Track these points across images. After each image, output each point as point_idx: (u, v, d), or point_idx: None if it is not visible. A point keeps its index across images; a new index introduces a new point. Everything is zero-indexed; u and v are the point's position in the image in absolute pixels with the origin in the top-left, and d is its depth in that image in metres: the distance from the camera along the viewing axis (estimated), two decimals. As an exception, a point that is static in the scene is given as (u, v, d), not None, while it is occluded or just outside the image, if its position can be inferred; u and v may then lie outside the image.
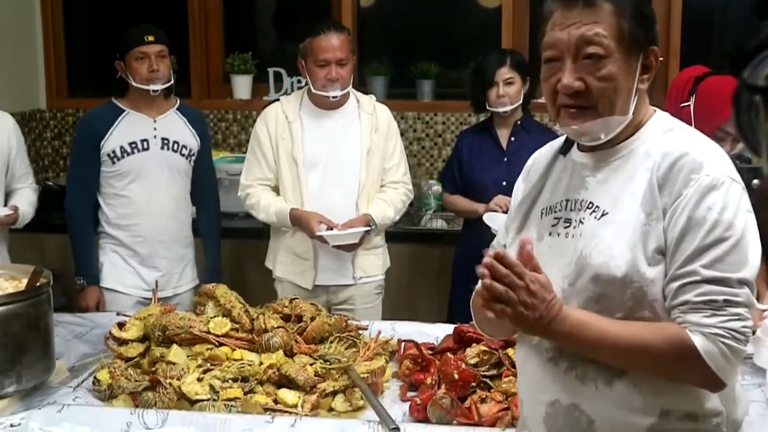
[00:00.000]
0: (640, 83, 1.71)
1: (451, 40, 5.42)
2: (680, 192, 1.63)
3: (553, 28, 1.70)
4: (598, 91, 1.67)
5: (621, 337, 1.63)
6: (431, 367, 2.65)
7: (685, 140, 1.70)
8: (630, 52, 1.68)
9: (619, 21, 1.66)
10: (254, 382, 2.54)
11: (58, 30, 5.41)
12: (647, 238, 1.64)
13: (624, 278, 1.64)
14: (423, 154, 5.13)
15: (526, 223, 1.87)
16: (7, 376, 2.51)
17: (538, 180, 1.90)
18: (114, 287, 3.67)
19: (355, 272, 3.62)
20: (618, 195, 1.70)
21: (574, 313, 1.65)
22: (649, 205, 1.65)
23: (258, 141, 3.61)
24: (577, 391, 1.73)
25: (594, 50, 1.66)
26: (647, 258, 1.63)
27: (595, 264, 1.67)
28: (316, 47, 3.45)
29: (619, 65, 1.67)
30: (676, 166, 1.65)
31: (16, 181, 3.67)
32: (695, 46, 4.94)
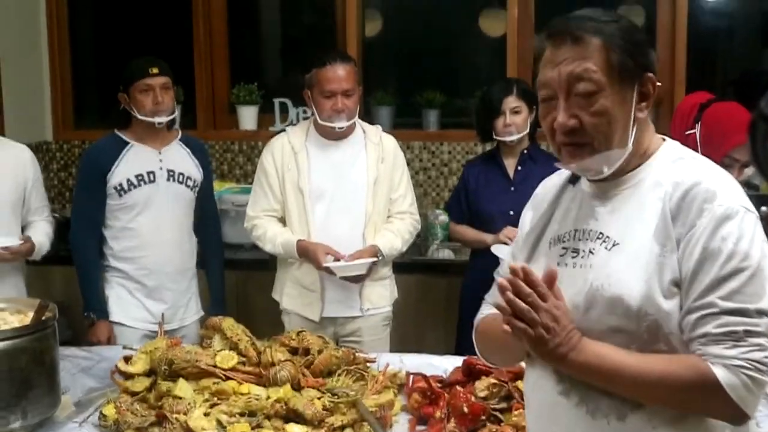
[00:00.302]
0: (639, 112, 1.70)
1: (456, 69, 5.44)
2: (694, 222, 1.61)
3: (545, 67, 1.70)
4: (592, 127, 1.66)
5: (640, 369, 1.60)
6: (440, 401, 2.62)
7: (697, 169, 1.68)
8: (623, 83, 1.67)
9: (607, 54, 1.65)
10: (262, 417, 2.52)
11: (64, 62, 5.43)
12: (662, 270, 1.62)
13: (639, 311, 1.62)
14: (429, 183, 5.12)
15: (534, 253, 1.85)
16: (13, 411, 2.50)
17: (547, 209, 1.88)
18: (120, 320, 3.65)
19: (363, 304, 3.60)
20: (628, 225, 1.68)
21: (592, 345, 1.63)
22: (663, 236, 1.63)
23: (264, 172, 3.61)
24: (588, 426, 1.70)
25: (585, 87, 1.65)
26: (663, 290, 1.61)
27: (608, 296, 1.65)
28: (322, 78, 3.45)
29: (612, 98, 1.66)
30: (688, 196, 1.63)
31: (32, 214, 3.66)
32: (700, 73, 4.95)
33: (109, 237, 3.66)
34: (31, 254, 3.54)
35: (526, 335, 1.60)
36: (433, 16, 5.29)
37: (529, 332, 1.59)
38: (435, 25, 5.29)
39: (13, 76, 4.95)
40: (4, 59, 4.86)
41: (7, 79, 4.86)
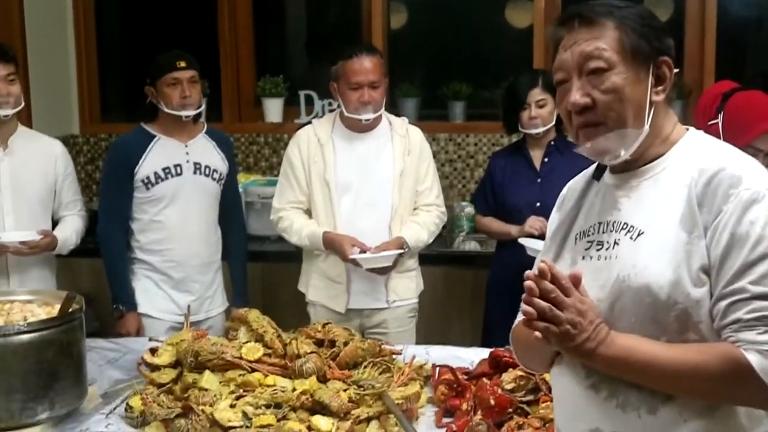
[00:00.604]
0: (655, 95, 1.68)
1: (483, 61, 5.40)
2: (720, 208, 1.58)
3: (560, 51, 1.71)
4: (604, 104, 1.65)
5: (672, 361, 1.58)
6: (467, 393, 2.61)
7: (721, 155, 1.66)
8: (636, 64, 1.66)
9: (619, 34, 1.66)
10: (287, 409, 2.51)
11: (91, 56, 5.45)
12: (690, 258, 1.59)
13: (668, 300, 1.59)
14: (455, 175, 5.10)
15: (562, 251, 1.84)
16: (40, 402, 2.52)
17: (572, 208, 1.87)
18: (147, 312, 3.66)
19: (389, 296, 3.59)
20: (653, 214, 1.66)
21: (621, 338, 1.61)
22: (689, 223, 1.61)
23: (290, 164, 3.60)
24: (618, 419, 1.68)
25: (595, 64, 1.65)
26: (692, 278, 1.59)
27: (635, 286, 1.62)
28: (348, 70, 3.44)
29: (624, 76, 1.65)
30: (713, 182, 1.60)
31: (64, 209, 3.68)
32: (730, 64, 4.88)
33: (136, 230, 3.66)
34: (54, 248, 3.55)
35: (551, 333, 1.58)
36: (459, 8, 5.25)
37: (553, 329, 1.58)
38: (460, 17, 5.25)
39: (40, 70, 4.97)
40: (31, 54, 4.89)
41: (34, 73, 4.89)
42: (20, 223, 3.48)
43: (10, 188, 3.47)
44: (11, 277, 3.48)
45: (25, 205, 3.52)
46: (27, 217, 3.51)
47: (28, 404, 2.49)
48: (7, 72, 3.40)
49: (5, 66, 3.40)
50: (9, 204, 3.47)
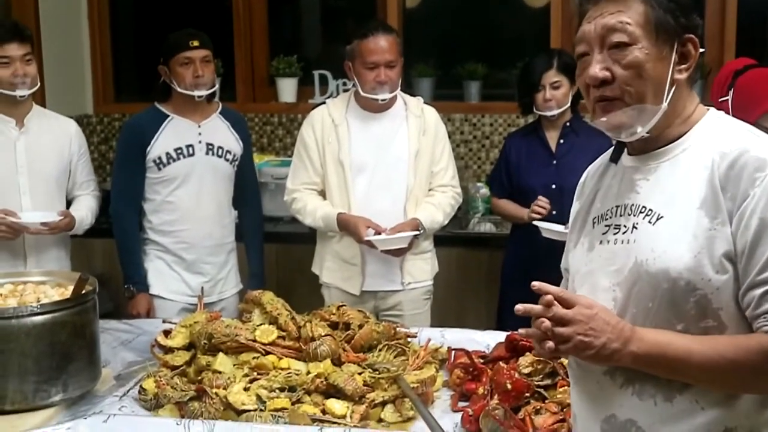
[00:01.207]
0: (678, 73, 1.63)
1: (499, 40, 5.35)
2: (747, 193, 1.53)
3: (583, 23, 1.66)
4: (623, 79, 1.61)
5: (708, 357, 1.53)
6: (483, 377, 2.58)
7: (743, 137, 1.61)
8: (659, 39, 1.61)
9: (645, 8, 1.61)
10: (302, 392, 2.48)
11: (104, 35, 5.43)
12: (713, 244, 1.54)
13: (687, 286, 1.55)
14: (470, 156, 5.05)
15: (581, 236, 1.81)
16: (54, 384, 2.50)
17: (590, 192, 1.83)
18: (160, 293, 3.64)
19: (404, 277, 3.56)
20: (673, 197, 1.61)
21: (650, 334, 1.57)
22: (713, 208, 1.56)
23: (304, 145, 3.56)
24: (634, 407, 1.65)
25: (618, 38, 1.61)
26: (714, 265, 1.54)
27: (653, 271, 1.58)
28: (364, 49, 3.39)
29: (647, 52, 1.60)
30: (737, 165, 1.55)
31: (78, 188, 3.67)
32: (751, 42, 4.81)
33: (149, 210, 3.64)
34: (72, 228, 3.53)
35: (565, 351, 1.56)
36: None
37: (564, 348, 1.54)
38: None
39: (54, 50, 4.95)
40: (45, 33, 4.87)
41: (48, 53, 4.86)
42: (36, 202, 3.47)
43: (26, 167, 3.46)
44: (28, 257, 3.47)
45: (42, 185, 3.50)
46: (43, 197, 3.50)
47: (42, 386, 2.47)
48: (24, 52, 3.37)
49: (22, 46, 3.37)
50: (26, 183, 3.45)
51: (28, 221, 3.37)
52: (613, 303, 1.64)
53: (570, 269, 1.83)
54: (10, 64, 3.34)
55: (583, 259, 1.76)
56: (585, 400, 1.76)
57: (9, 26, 3.42)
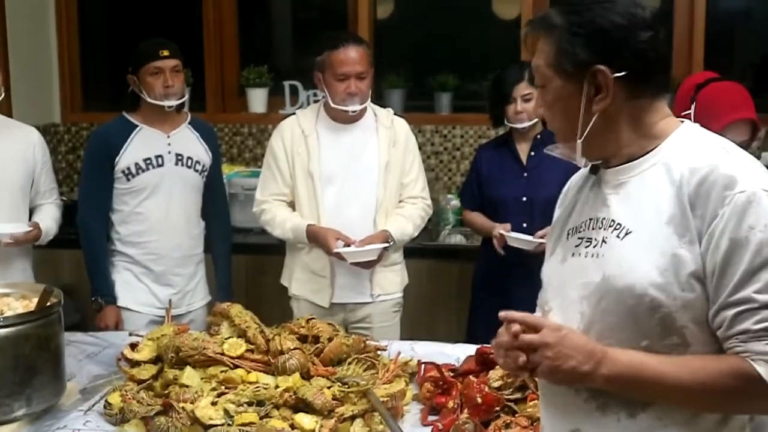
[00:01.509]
0: (595, 104, 1.61)
1: (469, 52, 5.35)
2: (716, 212, 1.51)
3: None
4: (546, 119, 1.72)
5: (680, 377, 1.52)
6: (453, 390, 2.56)
7: (712, 152, 1.59)
8: (567, 75, 1.62)
9: (552, 47, 1.63)
10: (270, 406, 2.45)
11: (73, 42, 5.37)
12: (681, 263, 1.53)
13: (652, 303, 1.54)
14: (441, 168, 5.05)
15: (557, 246, 1.80)
16: (17, 399, 2.46)
17: (569, 202, 1.82)
18: (127, 305, 3.59)
19: (373, 290, 3.54)
20: (641, 212, 1.60)
21: (623, 357, 1.55)
22: (681, 226, 1.54)
23: (274, 156, 3.54)
24: (598, 422, 1.64)
25: (538, 80, 1.68)
26: (680, 283, 1.53)
27: (620, 287, 1.57)
28: (334, 60, 3.38)
29: (557, 92, 1.64)
30: (706, 183, 1.53)
31: (41, 197, 3.61)
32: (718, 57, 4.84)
33: (117, 221, 3.60)
34: (38, 240, 3.48)
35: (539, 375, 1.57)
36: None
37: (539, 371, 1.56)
38: (448, 7, 5.21)
39: (21, 57, 4.89)
40: (12, 40, 4.81)
41: (15, 60, 4.81)
42: (1, 211, 3.41)
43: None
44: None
45: (6, 193, 3.45)
46: (8, 206, 3.44)
47: (4, 401, 2.43)
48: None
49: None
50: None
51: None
52: (580, 316, 1.63)
53: (543, 279, 1.82)
54: None
55: (556, 271, 1.76)
56: (551, 412, 1.76)
57: None
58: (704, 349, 1.55)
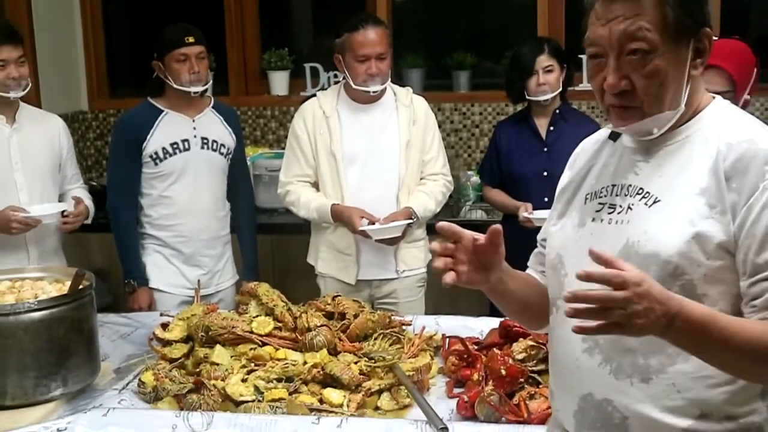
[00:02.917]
0: (693, 69, 1.57)
1: (486, 31, 5.31)
2: (756, 186, 1.48)
3: (594, 23, 1.56)
4: (644, 89, 1.54)
5: (744, 341, 1.44)
6: (477, 363, 2.56)
7: (748, 128, 1.57)
8: (678, 42, 1.53)
9: (663, 10, 1.52)
10: (299, 382, 2.46)
11: (97, 32, 5.36)
12: (709, 232, 1.50)
13: (675, 270, 1.51)
14: (461, 145, 5.02)
15: (568, 209, 1.75)
16: (53, 379, 2.47)
17: (584, 166, 1.78)
18: (159, 287, 3.60)
19: (398, 266, 3.53)
20: (672, 182, 1.57)
21: (695, 311, 1.43)
22: (714, 197, 1.51)
23: (296, 137, 3.52)
24: (611, 386, 1.61)
25: (638, 46, 1.52)
26: (706, 252, 1.50)
27: (643, 253, 1.54)
28: (354, 42, 3.35)
29: (667, 58, 1.53)
30: (745, 158, 1.51)
31: (68, 182, 3.62)
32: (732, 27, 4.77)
33: (146, 205, 3.60)
34: (88, 217, 3.51)
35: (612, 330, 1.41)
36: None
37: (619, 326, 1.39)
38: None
39: (47, 48, 4.90)
40: (38, 31, 4.81)
41: (42, 51, 4.81)
42: (33, 197, 3.42)
43: (21, 164, 3.41)
44: (30, 252, 3.42)
45: (38, 180, 3.45)
46: (39, 192, 3.45)
47: (42, 381, 2.45)
48: (18, 54, 3.33)
49: (16, 48, 3.32)
50: (22, 179, 3.41)
51: (38, 215, 3.33)
52: None
53: (553, 242, 1.77)
54: (5, 66, 3.29)
55: (572, 235, 1.71)
56: (562, 376, 1.73)
57: (3, 29, 3.36)
58: None
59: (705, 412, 1.55)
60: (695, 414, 1.55)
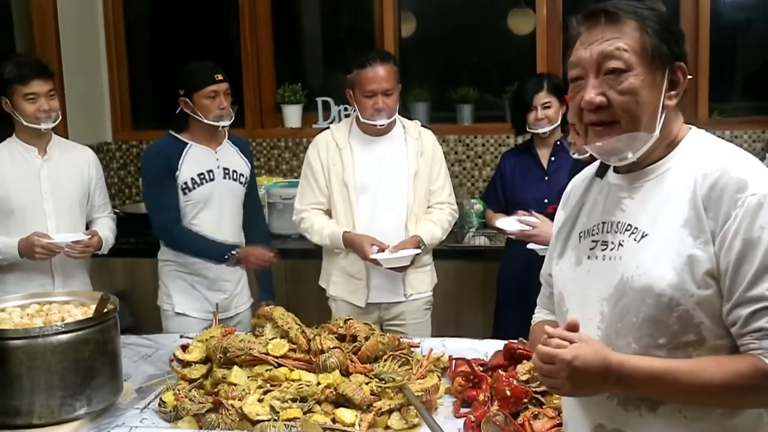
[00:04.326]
0: (668, 99, 1.57)
1: (489, 66, 5.32)
2: (729, 213, 1.47)
3: (578, 48, 1.59)
4: (620, 104, 1.54)
5: (698, 380, 1.48)
6: (483, 384, 2.52)
7: (723, 157, 1.55)
8: (653, 67, 1.54)
9: (641, 36, 1.54)
10: (312, 402, 2.43)
11: (122, 69, 5.39)
12: (696, 262, 1.49)
13: (670, 302, 1.50)
14: (464, 174, 5.00)
15: (566, 247, 1.74)
16: (78, 399, 2.45)
17: (576, 204, 1.77)
18: (185, 312, 3.57)
19: (406, 290, 3.51)
20: (656, 216, 1.56)
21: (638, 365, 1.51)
22: (696, 228, 1.50)
23: (310, 167, 3.51)
24: (620, 417, 1.60)
25: (615, 64, 1.54)
26: (696, 281, 1.49)
27: (638, 287, 1.53)
28: (363, 79, 3.35)
29: (642, 79, 1.53)
30: (718, 186, 1.50)
31: (96, 211, 3.61)
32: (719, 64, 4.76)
33: None
34: (100, 248, 3.48)
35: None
36: (463, 16, 5.16)
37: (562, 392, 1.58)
38: (465, 25, 5.16)
39: (75, 83, 4.93)
40: (66, 68, 4.84)
41: (69, 85, 4.84)
42: (60, 225, 3.41)
43: (50, 193, 3.41)
44: (55, 276, 3.41)
45: (65, 209, 3.45)
46: (67, 221, 3.44)
47: (67, 401, 2.42)
48: (48, 88, 3.33)
49: (46, 82, 3.33)
50: (51, 207, 3.40)
51: (61, 241, 3.31)
52: (600, 316, 1.59)
53: (556, 281, 1.76)
54: (36, 99, 3.30)
55: (570, 273, 1.70)
56: (574, 408, 1.71)
57: (34, 64, 3.37)
58: (718, 343, 1.51)
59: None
60: None
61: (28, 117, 3.31)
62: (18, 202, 3.35)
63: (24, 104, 3.30)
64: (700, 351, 1.51)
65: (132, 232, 4.51)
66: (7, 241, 3.29)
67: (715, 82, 4.68)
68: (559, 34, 4.78)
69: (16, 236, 3.29)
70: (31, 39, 4.80)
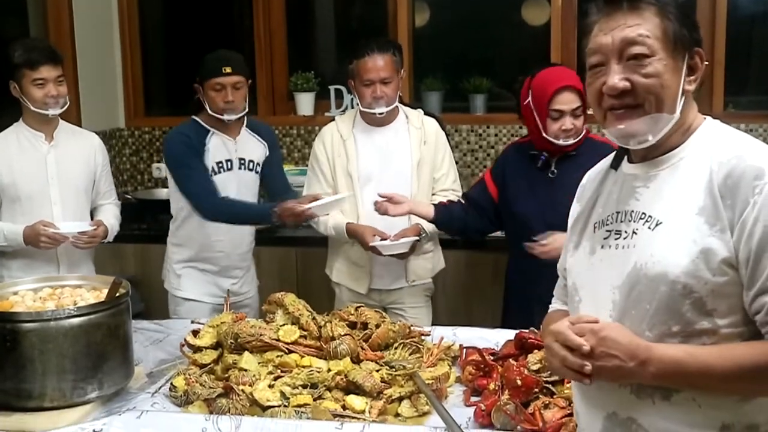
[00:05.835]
0: (687, 84, 1.58)
1: (502, 56, 5.29)
2: (747, 201, 1.47)
3: (597, 34, 1.59)
4: (645, 88, 1.55)
5: (727, 367, 1.47)
6: (494, 373, 2.52)
7: (738, 145, 1.55)
8: (675, 52, 1.56)
9: (662, 21, 1.55)
10: (323, 389, 2.43)
11: (135, 56, 5.39)
12: (711, 250, 1.48)
13: (684, 289, 1.49)
14: (476, 164, 4.98)
15: (581, 239, 1.75)
16: (90, 383, 2.45)
17: (590, 197, 1.77)
18: (193, 297, 3.59)
19: (408, 276, 3.56)
20: (671, 204, 1.55)
21: (668, 352, 1.50)
22: (712, 216, 1.50)
23: (316, 159, 3.54)
24: (633, 405, 1.59)
25: (638, 50, 1.55)
26: (711, 269, 1.48)
27: (652, 275, 1.52)
28: (361, 68, 3.36)
29: (665, 63, 1.55)
30: (734, 174, 1.49)
31: (101, 198, 3.61)
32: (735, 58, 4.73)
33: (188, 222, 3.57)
34: (106, 237, 3.48)
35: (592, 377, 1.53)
36: (478, 7, 5.14)
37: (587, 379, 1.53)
38: (479, 15, 5.14)
39: (88, 69, 4.94)
40: (80, 55, 4.85)
41: (83, 72, 4.86)
42: (66, 212, 3.42)
43: (57, 179, 3.42)
44: (60, 263, 3.43)
45: (71, 195, 3.45)
46: (73, 207, 3.45)
47: (79, 384, 2.43)
48: (57, 74, 3.33)
49: (55, 68, 3.33)
50: (57, 194, 3.41)
51: (67, 231, 3.32)
52: (612, 305, 1.59)
53: (570, 272, 1.77)
54: (44, 85, 3.30)
55: (584, 263, 1.70)
56: (586, 397, 1.70)
57: (43, 50, 3.36)
58: (734, 330, 1.50)
59: (727, 423, 1.53)
60: (717, 426, 1.53)
61: (36, 102, 3.31)
62: (24, 188, 3.36)
63: (32, 89, 3.29)
64: (714, 339, 1.51)
65: (143, 218, 4.53)
66: (12, 228, 3.30)
67: (730, 74, 4.64)
68: (574, 25, 4.74)
69: (22, 222, 3.30)
70: (45, 25, 4.80)
